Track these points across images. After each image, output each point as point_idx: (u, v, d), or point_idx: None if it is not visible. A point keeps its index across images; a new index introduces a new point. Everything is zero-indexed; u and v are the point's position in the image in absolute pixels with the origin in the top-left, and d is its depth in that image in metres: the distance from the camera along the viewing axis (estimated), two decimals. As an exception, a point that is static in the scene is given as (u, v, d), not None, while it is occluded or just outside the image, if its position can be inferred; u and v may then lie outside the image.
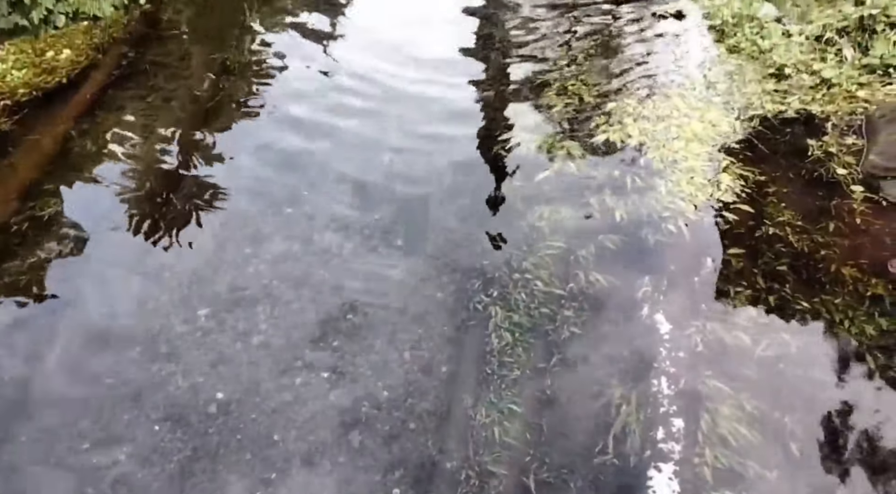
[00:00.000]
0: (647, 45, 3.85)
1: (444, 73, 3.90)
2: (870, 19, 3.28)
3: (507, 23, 4.23)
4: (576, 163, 3.11)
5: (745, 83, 3.41)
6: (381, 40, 4.20)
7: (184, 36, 4.18)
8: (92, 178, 3.18)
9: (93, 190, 3.14)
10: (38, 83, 3.61)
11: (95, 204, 3.06)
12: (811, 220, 2.73)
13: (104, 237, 2.91)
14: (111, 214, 2.99)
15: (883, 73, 3.18)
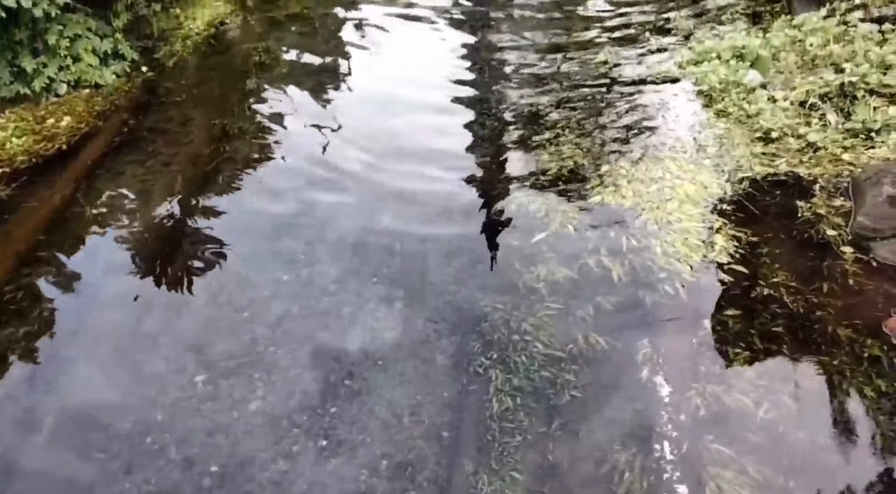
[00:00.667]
0: (639, 109, 3.96)
1: (442, 135, 3.98)
2: (850, 86, 3.41)
3: (501, 88, 4.34)
4: (572, 224, 3.16)
5: (734, 146, 3.51)
6: (382, 101, 4.30)
7: (185, 102, 4.28)
8: (88, 244, 3.21)
9: (89, 256, 3.16)
10: (37, 150, 3.66)
11: (91, 270, 3.07)
12: (805, 281, 2.77)
13: (99, 303, 2.91)
14: (106, 280, 3.01)
15: (865, 137, 3.28)
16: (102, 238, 3.24)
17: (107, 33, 4.26)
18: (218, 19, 5.23)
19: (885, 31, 3.68)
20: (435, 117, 4.15)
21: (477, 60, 4.70)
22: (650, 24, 4.86)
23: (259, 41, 4.97)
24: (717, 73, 3.98)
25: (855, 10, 3.91)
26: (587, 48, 4.64)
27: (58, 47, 3.90)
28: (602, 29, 4.85)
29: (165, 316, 2.84)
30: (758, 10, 4.80)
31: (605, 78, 4.32)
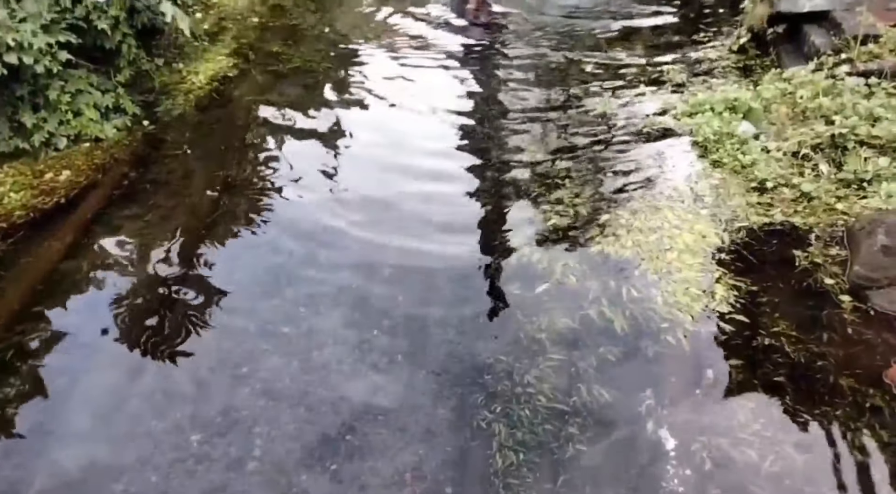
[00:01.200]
0: (637, 160, 4.03)
1: (442, 185, 4.03)
2: (840, 137, 3.48)
3: (501, 138, 4.41)
4: (574, 274, 3.17)
5: (730, 196, 3.56)
6: (383, 153, 4.36)
7: (185, 155, 4.33)
8: (84, 300, 3.21)
9: (83, 312, 3.16)
10: (35, 205, 3.67)
11: (85, 327, 3.07)
12: (805, 330, 2.78)
13: (93, 361, 2.90)
14: (101, 337, 3.00)
15: (857, 187, 3.34)
16: (98, 293, 3.24)
17: (108, 88, 4.32)
18: (220, 73, 5.33)
19: (871, 84, 3.79)
20: (434, 167, 4.20)
21: (477, 111, 4.79)
22: (645, 76, 4.97)
23: (261, 94, 5.06)
24: (711, 124, 4.06)
25: (842, 64, 4.02)
26: (585, 100, 4.74)
27: (59, 102, 3.96)
28: (599, 82, 4.95)
29: (161, 373, 2.82)
30: (748, 63, 4.94)
31: (603, 128, 4.40)
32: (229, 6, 6.57)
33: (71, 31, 3.92)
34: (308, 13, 6.76)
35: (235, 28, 6.24)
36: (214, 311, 3.12)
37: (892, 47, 3.97)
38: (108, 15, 4.06)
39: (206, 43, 5.73)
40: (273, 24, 6.43)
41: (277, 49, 5.87)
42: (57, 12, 3.87)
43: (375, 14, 6.66)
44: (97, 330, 3.02)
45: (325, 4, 7.03)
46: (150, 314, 3.10)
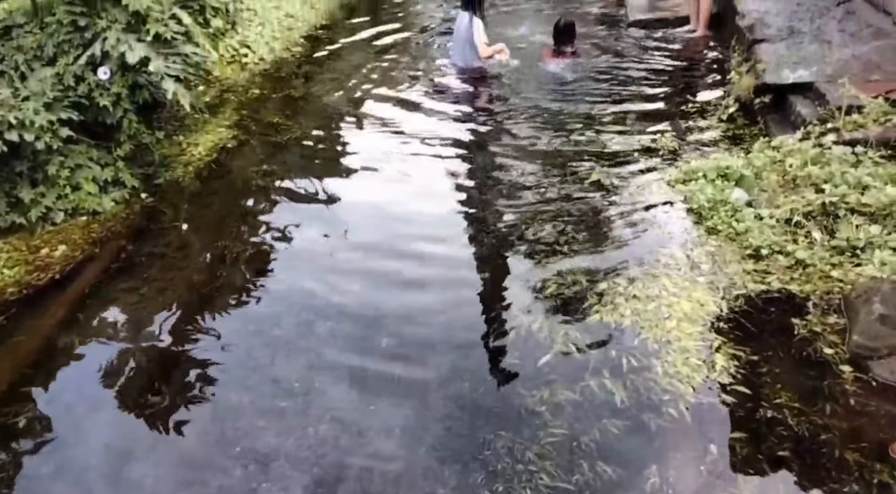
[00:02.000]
0: (633, 227, 4.07)
1: (440, 253, 4.05)
2: (831, 205, 3.54)
3: (498, 207, 4.46)
4: (574, 343, 3.16)
5: (726, 263, 3.58)
6: (381, 223, 4.40)
7: (183, 227, 4.36)
8: (75, 378, 3.18)
9: (74, 390, 3.12)
10: (28, 281, 3.66)
11: (75, 406, 3.02)
12: (807, 402, 2.75)
13: (81, 442, 2.84)
14: (91, 416, 2.95)
15: (851, 255, 3.36)
16: (90, 370, 3.20)
17: (108, 162, 4.38)
18: (220, 144, 5.43)
19: (858, 153, 3.87)
20: (432, 235, 4.24)
21: (474, 180, 4.86)
22: (638, 145, 5.07)
23: (260, 165, 5.14)
24: (705, 191, 4.12)
25: (828, 133, 4.11)
26: (579, 168, 4.81)
27: (57, 177, 4.00)
28: (593, 150, 5.05)
29: (153, 452, 2.76)
30: (737, 132, 5.05)
31: (598, 196, 4.45)
32: (231, 79, 6.75)
33: (73, 108, 4.01)
34: (309, 83, 6.95)
35: (236, 100, 6.39)
36: (209, 387, 3.08)
37: (875, 117, 4.08)
38: (111, 92, 4.16)
39: (207, 115, 5.86)
40: (274, 96, 6.59)
41: (277, 120, 5.99)
42: (60, 90, 3.97)
43: (376, 82, 6.83)
44: (88, 408, 2.97)
45: (326, 74, 7.23)
46: (142, 391, 3.06)
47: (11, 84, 3.80)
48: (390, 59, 7.64)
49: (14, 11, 4.25)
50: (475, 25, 6.47)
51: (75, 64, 4.04)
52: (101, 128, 4.43)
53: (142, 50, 3.99)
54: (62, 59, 4.04)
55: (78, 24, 4.03)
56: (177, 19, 4.31)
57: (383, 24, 9.12)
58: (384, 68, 7.28)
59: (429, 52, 7.78)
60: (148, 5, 4.04)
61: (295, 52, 7.93)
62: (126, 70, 4.21)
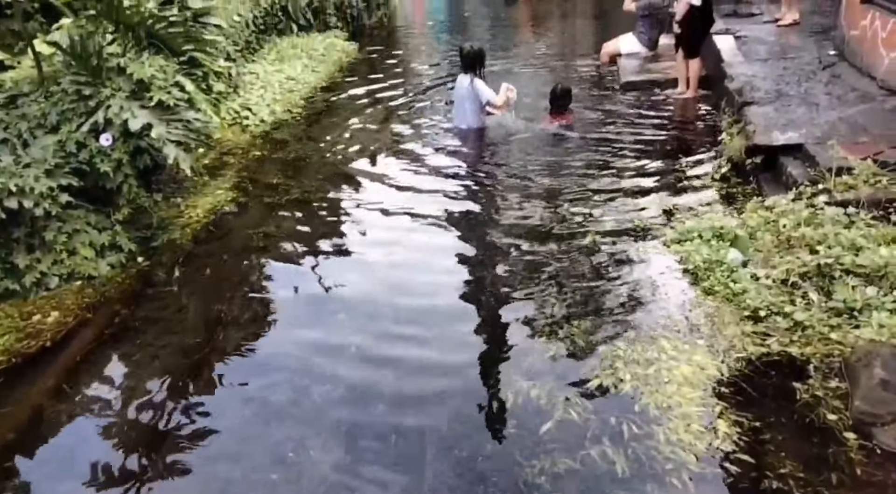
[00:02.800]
0: (630, 288, 4.07)
1: (438, 316, 4.04)
2: (826, 267, 3.55)
3: (495, 270, 4.47)
4: (575, 410, 3.11)
5: (725, 325, 3.56)
6: (378, 285, 4.39)
7: (179, 290, 4.35)
8: (62, 450, 3.11)
9: (61, 461, 3.05)
10: (18, 349, 3.61)
11: (62, 479, 2.94)
12: (813, 471, 2.69)
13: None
14: (78, 490, 2.87)
15: (849, 316, 3.36)
16: (78, 441, 3.13)
17: (106, 226, 4.40)
18: (219, 206, 5.48)
19: (850, 214, 3.91)
20: (430, 297, 4.24)
21: (471, 243, 4.87)
22: (633, 205, 5.12)
23: (258, 227, 5.17)
24: (700, 252, 4.14)
25: (819, 194, 4.17)
26: (575, 226, 4.85)
27: (55, 242, 4.01)
28: (589, 210, 5.09)
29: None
30: (730, 191, 5.12)
31: (594, 256, 4.47)
32: (231, 141, 6.86)
33: (73, 174, 4.06)
34: (308, 145, 7.06)
35: (236, 161, 6.48)
36: (200, 458, 3.01)
37: (865, 179, 4.14)
38: (112, 158, 4.22)
39: (206, 177, 5.93)
40: (273, 157, 6.69)
41: (276, 181, 6.07)
42: (62, 157, 4.02)
43: (376, 143, 6.95)
44: (75, 481, 2.89)
45: (326, 135, 7.35)
46: (131, 462, 2.99)
47: (14, 151, 3.86)
48: (389, 120, 7.80)
49: (21, 81, 4.35)
50: (477, 85, 6.63)
51: (78, 131, 4.11)
52: (101, 192, 4.47)
53: (144, 117, 4.07)
54: (65, 126, 4.12)
55: (82, 92, 4.12)
56: (180, 86, 4.42)
57: (382, 87, 9.34)
58: (383, 130, 7.42)
59: (427, 115, 7.95)
60: (152, 74, 4.14)
61: (295, 114, 8.09)
62: (128, 136, 4.28)
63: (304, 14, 11.26)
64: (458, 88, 6.85)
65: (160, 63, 4.45)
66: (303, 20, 11.22)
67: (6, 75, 4.44)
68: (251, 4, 9.17)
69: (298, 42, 10.40)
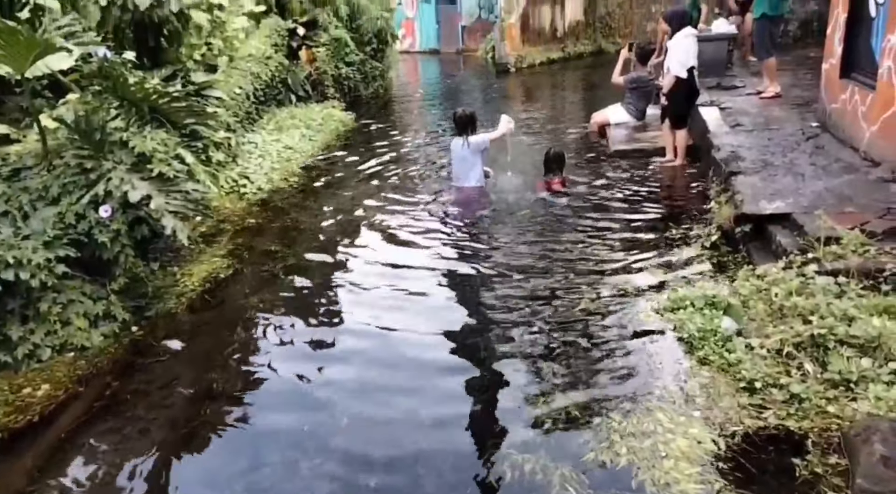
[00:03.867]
0: (624, 357, 4.06)
1: (430, 385, 4.01)
2: (820, 337, 3.56)
3: (489, 335, 4.47)
4: (571, 486, 3.05)
5: (721, 397, 3.54)
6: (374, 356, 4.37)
7: (171, 361, 4.32)
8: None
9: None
10: (6, 423, 3.55)
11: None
12: (817, 551, 2.63)
13: None
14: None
15: (846, 388, 3.34)
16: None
17: (100, 296, 4.40)
18: (214, 274, 5.49)
19: (841, 284, 3.95)
20: (423, 364, 4.22)
21: (465, 312, 4.88)
22: (625, 272, 5.17)
23: (253, 296, 5.18)
24: (694, 320, 4.15)
25: (809, 263, 4.22)
26: (569, 296, 4.87)
27: (49, 313, 4.00)
28: (583, 279, 5.13)
29: None
30: (721, 259, 5.17)
31: (588, 324, 4.48)
32: (228, 209, 6.94)
33: (71, 245, 4.09)
34: (305, 213, 7.15)
35: (233, 229, 6.55)
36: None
37: (853, 248, 4.21)
38: (110, 229, 4.26)
39: (203, 245, 5.97)
40: (270, 225, 6.76)
41: (273, 249, 6.12)
42: (60, 229, 4.06)
43: (371, 211, 7.05)
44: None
45: (322, 203, 7.46)
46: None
47: (14, 223, 3.90)
48: (384, 188, 7.93)
49: (25, 154, 4.43)
50: (472, 141, 6.88)
51: (78, 203, 4.17)
52: (98, 262, 4.49)
53: (144, 188, 4.14)
54: (65, 198, 4.18)
55: (84, 166, 4.20)
56: (180, 158, 4.52)
57: (377, 155, 9.54)
58: (379, 198, 7.53)
59: (421, 182, 8.10)
60: (154, 147, 4.24)
61: (292, 182, 8.23)
62: (127, 207, 4.34)
63: (302, 86, 11.59)
64: (455, 150, 7.07)
65: (162, 136, 4.56)
66: (301, 91, 11.54)
67: (11, 149, 4.53)
68: (252, 78, 9.44)
69: (297, 112, 10.67)
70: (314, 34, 12.37)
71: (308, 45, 12.23)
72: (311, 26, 12.39)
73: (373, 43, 14.35)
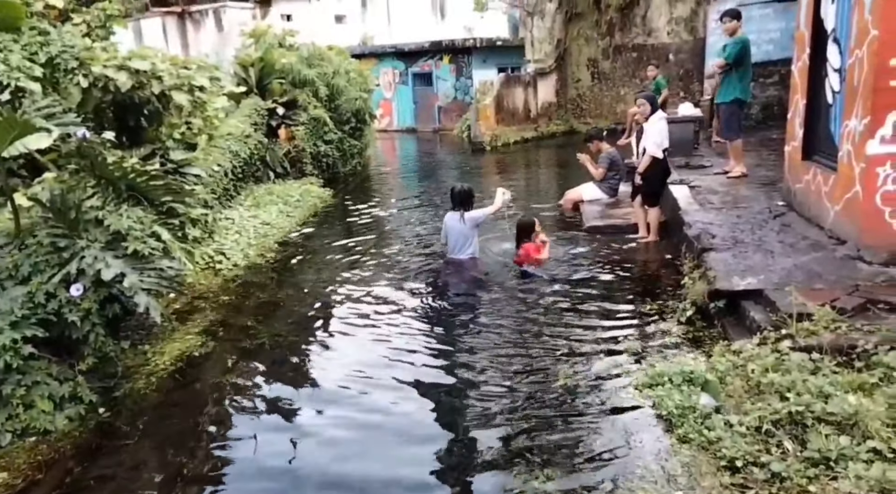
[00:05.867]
0: (603, 435, 4.01)
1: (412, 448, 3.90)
2: (798, 414, 3.56)
3: (468, 412, 4.39)
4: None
5: (702, 476, 3.49)
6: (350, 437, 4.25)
7: (139, 443, 4.17)
8: None
9: None
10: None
11: None
12: None
13: None
14: None
15: (826, 467, 3.32)
16: None
17: (67, 377, 4.28)
18: (187, 353, 5.38)
19: (815, 360, 3.99)
20: (399, 451, 4.11)
21: (443, 390, 4.81)
22: (602, 347, 5.17)
23: (227, 374, 5.07)
24: (672, 397, 4.13)
25: (783, 339, 4.27)
26: (546, 372, 4.84)
27: (12, 396, 3.86)
28: (560, 355, 5.12)
29: None
30: (697, 334, 5.21)
31: (566, 401, 4.43)
32: (203, 286, 6.87)
33: (40, 325, 3.99)
34: (281, 289, 7.10)
35: (207, 306, 6.46)
36: None
37: (825, 325, 4.27)
38: (81, 307, 4.18)
39: (176, 322, 5.87)
40: (246, 302, 6.69)
41: (247, 325, 6.03)
42: (29, 308, 3.98)
43: (348, 286, 7.03)
44: None
45: (299, 279, 7.42)
46: None
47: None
48: (361, 264, 7.94)
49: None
50: (467, 216, 7.12)
51: (49, 282, 4.10)
52: (66, 342, 4.38)
53: (118, 266, 4.10)
54: (36, 277, 4.11)
55: (57, 244, 4.17)
56: (156, 236, 4.50)
57: (355, 231, 9.61)
58: (357, 273, 7.54)
59: (398, 258, 8.14)
60: (130, 225, 4.23)
61: (269, 258, 8.21)
62: (99, 285, 4.28)
63: (281, 163, 11.76)
64: (451, 224, 7.26)
65: (138, 214, 4.56)
66: (280, 168, 11.70)
67: (-18, 227, 4.49)
68: (231, 155, 9.57)
69: (275, 189, 10.78)
70: (293, 113, 12.67)
71: (287, 124, 12.50)
72: (290, 106, 12.70)
73: (351, 122, 14.71)
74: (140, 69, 6.47)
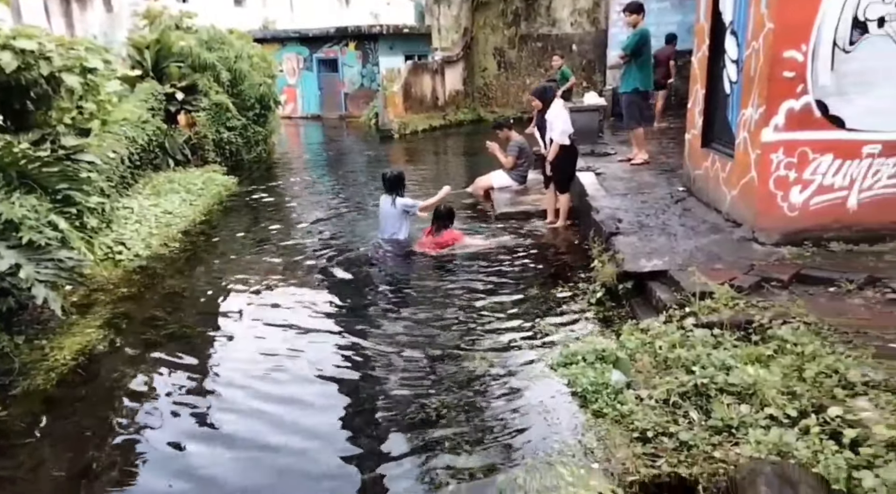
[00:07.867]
0: (521, 413, 4.12)
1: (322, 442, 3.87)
2: (702, 386, 3.81)
3: (383, 399, 4.40)
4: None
5: (616, 447, 3.66)
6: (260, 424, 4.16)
7: (38, 442, 3.92)
8: None
9: None
10: None
11: None
12: None
13: None
14: None
15: (728, 434, 3.57)
16: None
17: (-41, 376, 3.97)
18: (88, 346, 5.08)
19: (717, 335, 4.28)
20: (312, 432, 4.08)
21: (357, 376, 4.79)
22: (517, 332, 5.30)
23: (131, 367, 4.83)
24: (586, 374, 4.29)
25: (687, 317, 4.54)
26: (463, 355, 4.91)
27: None
28: (475, 339, 5.21)
29: None
30: (607, 315, 5.44)
31: (485, 384, 4.52)
32: (103, 277, 6.49)
33: (-77, 321, 3.67)
34: (186, 279, 6.83)
35: (108, 298, 6.12)
36: None
37: (725, 302, 4.58)
38: (-30, 301, 3.87)
39: (75, 315, 5.52)
40: (149, 293, 6.38)
41: (152, 316, 5.76)
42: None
43: (255, 275, 6.84)
44: None
45: (205, 269, 7.16)
46: None
47: None
48: (268, 252, 7.76)
49: None
50: (399, 202, 7.33)
51: (-69, 274, 3.76)
52: (-47, 339, 4.05)
53: (12, 257, 3.81)
54: (-84, 269, 3.76)
55: (-59, 233, 3.82)
56: (53, 225, 4.20)
57: (261, 219, 9.38)
58: (263, 262, 7.36)
59: (306, 247, 8.01)
60: (23, 213, 3.93)
61: (173, 248, 7.86)
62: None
63: (181, 150, 11.24)
64: (383, 206, 7.46)
65: (32, 202, 4.24)
66: (180, 155, 11.19)
67: None
68: (127, 142, 9.05)
69: (175, 176, 10.31)
70: (194, 99, 12.12)
71: (187, 110, 11.95)
72: (190, 91, 12.14)
73: (255, 108, 14.26)
74: (26, 49, 5.98)
